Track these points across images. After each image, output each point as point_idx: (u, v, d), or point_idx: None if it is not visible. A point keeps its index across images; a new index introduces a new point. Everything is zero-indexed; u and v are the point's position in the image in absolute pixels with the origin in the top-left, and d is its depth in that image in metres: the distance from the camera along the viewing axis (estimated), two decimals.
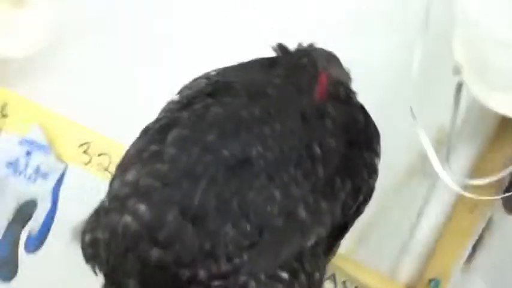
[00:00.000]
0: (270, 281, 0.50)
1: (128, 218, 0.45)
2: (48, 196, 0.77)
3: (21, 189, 0.77)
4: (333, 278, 0.62)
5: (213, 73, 0.61)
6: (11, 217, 0.78)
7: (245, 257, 0.47)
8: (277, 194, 0.48)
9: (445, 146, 0.51)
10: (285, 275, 0.51)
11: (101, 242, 0.49)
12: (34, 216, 0.77)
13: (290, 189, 0.50)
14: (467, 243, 0.54)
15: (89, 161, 0.75)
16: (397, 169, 0.62)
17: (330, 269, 0.62)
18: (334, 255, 0.61)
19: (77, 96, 0.87)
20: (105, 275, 0.50)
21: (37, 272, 0.88)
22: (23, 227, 0.78)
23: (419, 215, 0.58)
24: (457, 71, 0.41)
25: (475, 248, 0.54)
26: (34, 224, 0.76)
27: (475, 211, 0.52)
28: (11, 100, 0.79)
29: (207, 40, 0.69)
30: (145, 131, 0.53)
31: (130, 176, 0.47)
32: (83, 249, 0.54)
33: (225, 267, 0.46)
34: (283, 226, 0.49)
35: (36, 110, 0.78)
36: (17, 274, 0.79)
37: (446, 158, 0.51)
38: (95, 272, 0.55)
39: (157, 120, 0.54)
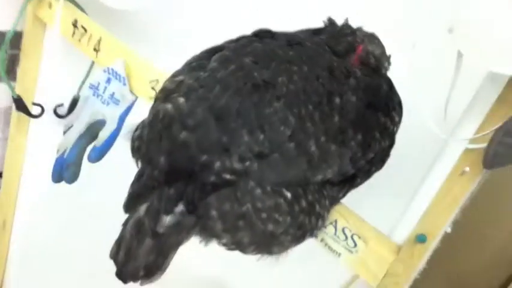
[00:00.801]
0: (274, 194, 0.58)
1: (168, 105, 0.57)
2: (116, 120, 0.90)
3: (96, 109, 0.91)
4: (335, 223, 0.70)
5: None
6: (83, 130, 0.92)
7: (255, 164, 0.57)
8: (292, 120, 0.57)
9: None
10: (288, 194, 0.60)
11: (145, 125, 0.61)
12: (101, 133, 0.90)
13: (305, 123, 0.58)
14: (456, 207, 0.59)
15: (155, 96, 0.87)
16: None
17: (333, 215, 0.70)
18: (338, 202, 0.69)
19: (160, 47, 1.03)
20: (143, 157, 0.62)
21: (94, 180, 1.02)
22: (91, 140, 0.92)
23: (422, 178, 0.64)
24: (450, 29, 0.47)
25: None
26: (99, 139, 0.90)
27: (465, 175, 0.57)
28: (104, 37, 0.94)
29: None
30: (198, 53, 0.65)
31: (178, 78, 0.60)
32: (132, 142, 0.66)
33: (237, 165, 0.55)
34: (292, 151, 0.58)
35: (122, 48, 0.92)
36: (78, 178, 0.93)
37: (443, 118, 0.57)
38: (137, 165, 0.67)
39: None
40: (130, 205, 0.63)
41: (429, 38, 0.63)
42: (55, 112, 1.14)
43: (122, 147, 0.71)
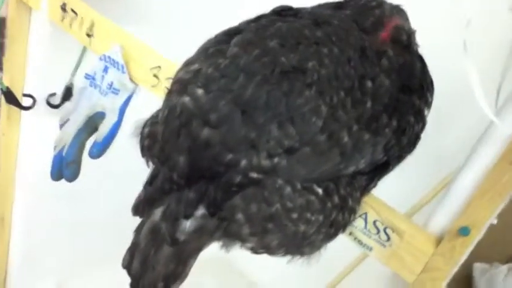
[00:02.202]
0: (304, 192, 0.53)
1: (186, 99, 0.50)
2: (116, 111, 0.83)
3: (94, 100, 0.85)
4: (365, 216, 0.65)
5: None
6: (81, 124, 0.86)
7: (285, 161, 0.51)
8: (324, 109, 0.51)
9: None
10: (320, 190, 0.54)
11: (160, 121, 0.54)
12: (100, 127, 0.84)
13: (337, 111, 0.53)
14: (503, 196, 0.55)
15: (157, 84, 0.81)
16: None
17: (363, 208, 0.64)
18: (368, 192, 0.64)
19: (158, 29, 0.95)
20: (158, 156, 0.56)
21: (96, 177, 0.96)
22: (91, 134, 0.86)
23: (462, 166, 0.59)
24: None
25: None
26: (99, 134, 0.84)
27: None
28: (97, 21, 0.86)
29: None
30: (214, 36, 0.58)
31: (193, 66, 0.53)
32: (141, 140, 0.60)
33: (264, 162, 0.50)
34: (324, 143, 0.52)
35: (118, 33, 0.84)
36: (79, 176, 0.87)
37: (495, 105, 0.52)
38: (147, 165, 0.61)
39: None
40: (141, 209, 0.57)
41: (486, 15, 0.56)
42: (48, 102, 1.07)
43: (124, 141, 0.66)
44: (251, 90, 0.49)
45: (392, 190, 0.68)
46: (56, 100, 1.06)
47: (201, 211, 0.53)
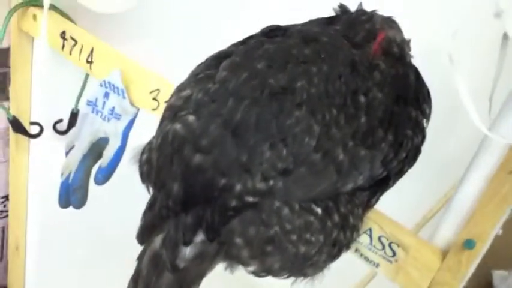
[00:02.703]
0: (303, 212, 0.53)
1: (177, 125, 0.50)
2: (119, 136, 0.84)
3: (96, 126, 0.85)
4: (369, 232, 0.64)
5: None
6: (86, 150, 0.86)
7: (280, 182, 0.51)
8: (316, 128, 0.51)
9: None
10: (319, 210, 0.54)
11: (154, 148, 0.54)
12: (105, 152, 0.85)
13: (330, 129, 0.52)
14: (505, 206, 0.53)
15: (157, 107, 0.81)
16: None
17: (367, 224, 0.64)
18: (371, 208, 0.63)
19: (153, 48, 0.96)
20: (154, 183, 0.56)
21: (104, 203, 0.97)
22: (96, 161, 0.86)
23: (462, 178, 0.58)
24: (497, 14, 0.41)
25: None
26: (104, 159, 0.84)
27: None
28: (96, 47, 0.87)
29: None
30: (203, 61, 0.58)
31: (185, 92, 0.53)
32: (140, 166, 0.60)
33: (259, 185, 0.49)
34: (319, 162, 0.52)
35: (117, 57, 0.85)
36: (87, 203, 0.87)
37: (488, 114, 0.51)
38: (148, 191, 0.61)
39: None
40: (144, 236, 0.57)
41: (471, 25, 0.55)
42: (55, 129, 1.08)
43: (129, 164, 0.66)
44: (241, 113, 0.49)
45: (396, 204, 0.68)
46: (63, 126, 1.07)
47: (200, 237, 0.53)
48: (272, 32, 0.58)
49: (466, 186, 0.58)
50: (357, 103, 0.54)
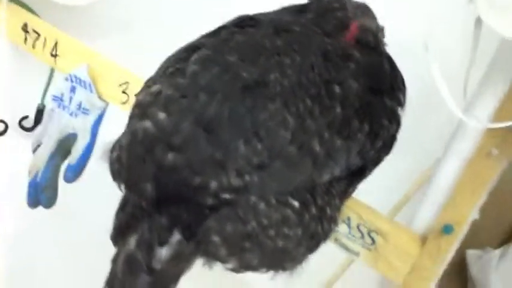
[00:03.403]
0: (280, 206, 0.52)
1: (147, 123, 0.48)
2: (88, 131, 0.81)
3: (64, 122, 0.82)
4: (348, 220, 0.63)
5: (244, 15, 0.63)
6: (53, 148, 0.83)
7: (256, 177, 0.49)
8: (291, 120, 0.50)
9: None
10: (296, 203, 0.53)
11: (123, 147, 0.52)
12: (73, 149, 0.81)
13: (305, 120, 0.51)
14: (482, 191, 0.53)
15: (127, 100, 0.79)
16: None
17: (345, 212, 0.63)
18: (348, 197, 0.62)
19: (121, 41, 0.93)
20: (125, 183, 0.54)
21: (74, 202, 0.94)
22: (64, 158, 0.83)
23: (438, 162, 0.58)
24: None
25: None
26: (73, 156, 0.81)
27: (492, 157, 0.51)
28: (61, 40, 0.84)
29: None
30: (173, 54, 0.56)
31: (154, 88, 0.51)
32: (110, 164, 0.57)
33: (235, 181, 0.48)
34: (295, 155, 0.51)
35: (83, 50, 0.82)
36: (56, 202, 0.84)
37: (463, 98, 0.50)
38: (120, 189, 0.59)
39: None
40: (117, 237, 0.55)
41: (445, 10, 0.55)
42: (21, 125, 1.04)
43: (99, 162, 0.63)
44: (213, 109, 0.47)
45: (372, 190, 0.67)
46: (29, 123, 1.04)
47: (176, 237, 0.51)
48: (243, 22, 0.56)
49: (444, 170, 0.58)
50: (331, 93, 0.53)
